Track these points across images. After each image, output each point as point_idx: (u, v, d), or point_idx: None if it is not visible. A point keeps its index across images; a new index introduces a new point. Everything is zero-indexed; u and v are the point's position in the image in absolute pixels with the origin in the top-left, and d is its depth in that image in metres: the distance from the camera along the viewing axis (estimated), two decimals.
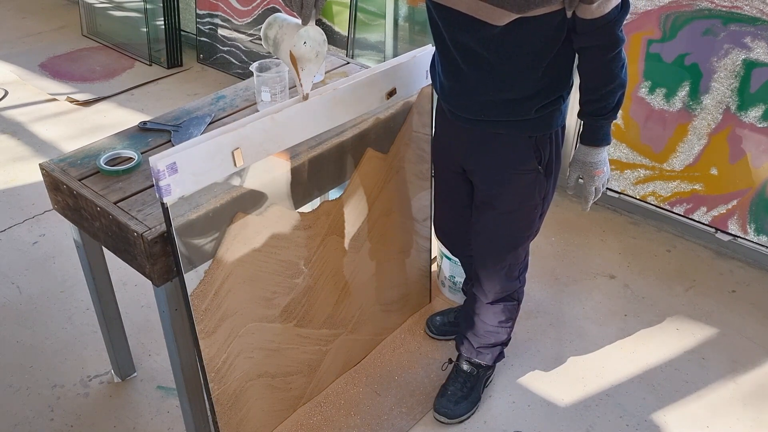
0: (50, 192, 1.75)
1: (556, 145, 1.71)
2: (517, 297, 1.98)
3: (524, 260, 1.93)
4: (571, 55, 1.60)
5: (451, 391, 2.05)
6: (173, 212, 1.43)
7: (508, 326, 2.02)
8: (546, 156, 1.70)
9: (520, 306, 2.01)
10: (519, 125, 1.65)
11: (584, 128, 1.67)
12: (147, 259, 1.49)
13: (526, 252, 1.92)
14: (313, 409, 2.04)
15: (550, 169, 1.73)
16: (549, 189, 1.78)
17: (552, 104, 1.63)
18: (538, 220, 1.83)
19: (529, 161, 1.69)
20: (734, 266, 2.64)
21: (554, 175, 1.77)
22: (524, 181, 1.73)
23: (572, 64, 1.63)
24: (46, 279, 2.55)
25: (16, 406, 2.08)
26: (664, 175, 2.70)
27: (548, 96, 1.62)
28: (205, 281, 1.56)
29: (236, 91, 2.06)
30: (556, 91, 1.62)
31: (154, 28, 4.19)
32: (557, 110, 1.65)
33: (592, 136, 1.66)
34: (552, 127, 1.67)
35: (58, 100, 3.79)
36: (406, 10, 3.17)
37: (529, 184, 1.73)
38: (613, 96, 1.59)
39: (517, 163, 1.70)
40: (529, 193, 1.75)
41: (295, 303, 1.85)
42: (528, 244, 1.90)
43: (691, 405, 2.09)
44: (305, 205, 1.79)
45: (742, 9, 2.31)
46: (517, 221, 1.81)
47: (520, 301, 2.00)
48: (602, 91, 1.57)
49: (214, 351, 1.65)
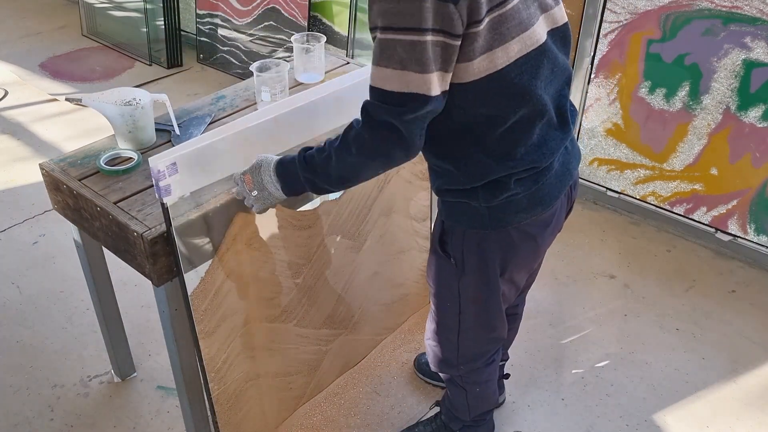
0: (50, 192, 1.75)
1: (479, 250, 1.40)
2: (461, 384, 1.74)
3: (459, 356, 1.65)
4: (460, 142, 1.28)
5: (420, 429, 1.94)
6: (173, 212, 1.43)
7: (462, 409, 1.82)
8: (457, 252, 1.43)
9: (473, 397, 1.77)
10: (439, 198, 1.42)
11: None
12: (147, 259, 1.49)
13: (457, 346, 1.63)
14: (313, 409, 2.04)
15: (464, 269, 1.45)
16: (464, 290, 1.49)
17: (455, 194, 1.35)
18: (456, 316, 1.55)
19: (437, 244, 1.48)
20: (734, 266, 2.64)
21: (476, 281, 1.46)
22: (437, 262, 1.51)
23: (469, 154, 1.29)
24: (46, 279, 2.55)
25: (16, 406, 2.08)
26: (664, 175, 2.70)
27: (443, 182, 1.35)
28: (205, 281, 1.56)
29: (236, 91, 2.06)
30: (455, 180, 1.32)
31: (154, 28, 4.19)
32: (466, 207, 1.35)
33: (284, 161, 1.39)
34: (460, 223, 1.39)
35: (58, 101, 3.79)
36: None
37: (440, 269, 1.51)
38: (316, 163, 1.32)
39: (432, 236, 1.51)
40: (440, 279, 1.53)
41: (295, 303, 1.85)
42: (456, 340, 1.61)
43: (691, 405, 2.09)
44: (305, 205, 1.79)
45: (742, 9, 2.31)
46: (437, 301, 1.59)
47: (469, 392, 1.75)
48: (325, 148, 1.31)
49: (214, 351, 1.65)
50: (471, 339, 1.62)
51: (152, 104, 1.77)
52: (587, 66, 2.72)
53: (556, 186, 1.37)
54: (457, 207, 1.38)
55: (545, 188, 1.35)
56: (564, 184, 1.40)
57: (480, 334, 1.61)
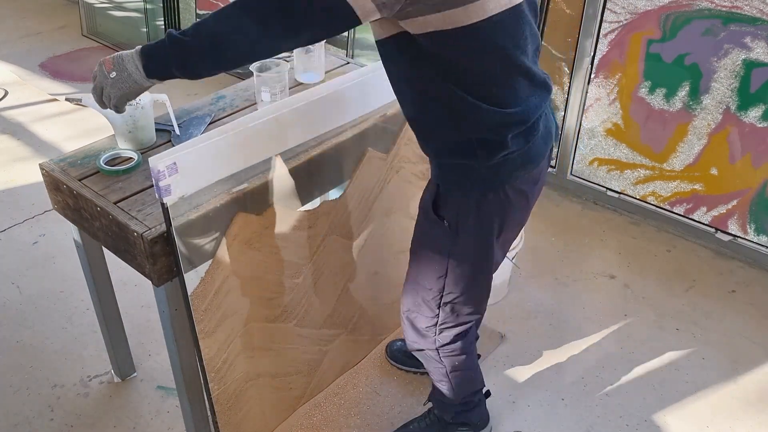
0: (50, 192, 1.75)
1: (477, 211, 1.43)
2: (439, 359, 1.73)
3: (436, 325, 1.66)
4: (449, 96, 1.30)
5: (413, 427, 1.93)
6: (173, 212, 1.43)
7: (445, 388, 1.80)
8: (452, 213, 1.46)
9: (455, 375, 1.75)
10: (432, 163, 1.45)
11: None
12: (147, 259, 1.49)
13: (436, 314, 1.64)
14: (313, 409, 2.04)
15: (460, 230, 1.47)
16: (455, 253, 1.51)
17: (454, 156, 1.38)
18: (441, 281, 1.56)
19: (429, 207, 1.49)
20: (734, 266, 2.64)
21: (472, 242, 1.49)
22: (427, 225, 1.53)
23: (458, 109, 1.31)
24: (46, 279, 2.55)
25: (16, 406, 2.08)
26: (664, 175, 2.70)
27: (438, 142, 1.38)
28: (205, 281, 1.56)
29: (236, 91, 2.06)
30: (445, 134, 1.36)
31: (154, 28, 4.18)
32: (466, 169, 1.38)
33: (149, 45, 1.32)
34: (458, 185, 1.41)
35: (58, 101, 3.79)
36: None
37: (430, 230, 1.53)
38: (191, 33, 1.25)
39: (424, 201, 1.52)
40: (428, 241, 1.54)
41: (295, 303, 1.85)
42: (436, 306, 1.62)
43: (691, 405, 2.09)
44: (305, 205, 1.79)
45: (742, 9, 2.31)
46: (419, 266, 1.60)
47: (449, 369, 1.74)
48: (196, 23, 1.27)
49: (214, 351, 1.65)
50: (451, 311, 1.63)
51: (152, 104, 1.77)
52: (587, 66, 2.72)
53: (542, 145, 1.46)
54: (455, 169, 1.40)
55: (534, 147, 1.42)
56: (548, 145, 1.49)
57: (463, 302, 1.62)
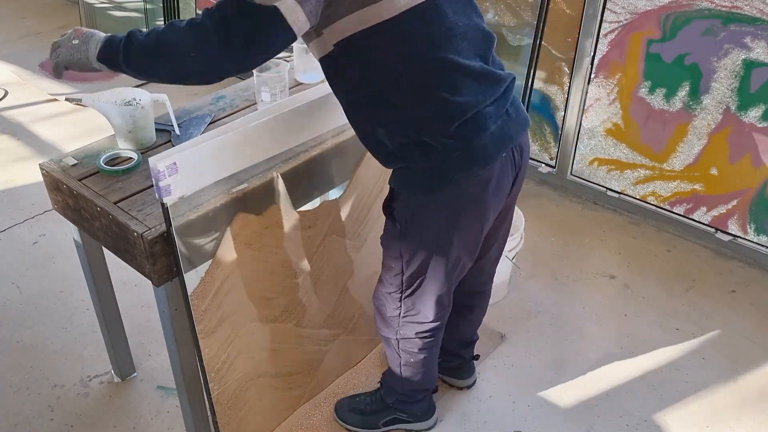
0: (50, 192, 1.75)
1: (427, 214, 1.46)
2: (395, 347, 1.79)
3: (399, 316, 1.71)
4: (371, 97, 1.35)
5: (360, 399, 1.98)
6: (173, 212, 1.43)
7: (396, 377, 1.85)
8: (401, 216, 1.50)
9: (405, 367, 1.80)
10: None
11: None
12: (147, 259, 1.49)
13: (399, 308, 1.69)
14: (313, 409, 2.04)
15: (410, 231, 1.51)
16: (404, 253, 1.55)
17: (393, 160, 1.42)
18: (399, 277, 1.61)
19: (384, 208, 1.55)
20: (734, 266, 2.64)
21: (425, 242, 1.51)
22: (386, 224, 1.58)
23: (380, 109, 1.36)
24: (46, 279, 2.55)
25: (16, 406, 2.08)
26: (664, 175, 2.70)
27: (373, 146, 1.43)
28: (205, 281, 1.56)
29: (236, 91, 2.06)
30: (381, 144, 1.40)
31: None
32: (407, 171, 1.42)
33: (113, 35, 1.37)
34: (405, 187, 1.45)
35: (58, 101, 3.79)
36: None
37: (386, 229, 1.59)
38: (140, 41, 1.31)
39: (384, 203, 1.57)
40: (388, 241, 1.59)
41: (295, 303, 1.85)
42: (399, 301, 1.67)
43: (691, 405, 2.09)
44: (305, 205, 1.79)
45: (742, 9, 2.31)
46: (384, 261, 1.65)
47: (402, 361, 1.79)
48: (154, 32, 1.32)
49: (214, 351, 1.65)
50: (412, 305, 1.67)
51: (152, 104, 1.77)
52: (587, 66, 2.72)
53: (493, 147, 1.42)
54: (400, 172, 1.45)
55: (479, 148, 1.39)
56: (503, 146, 1.44)
57: (422, 301, 1.65)
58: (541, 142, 3.01)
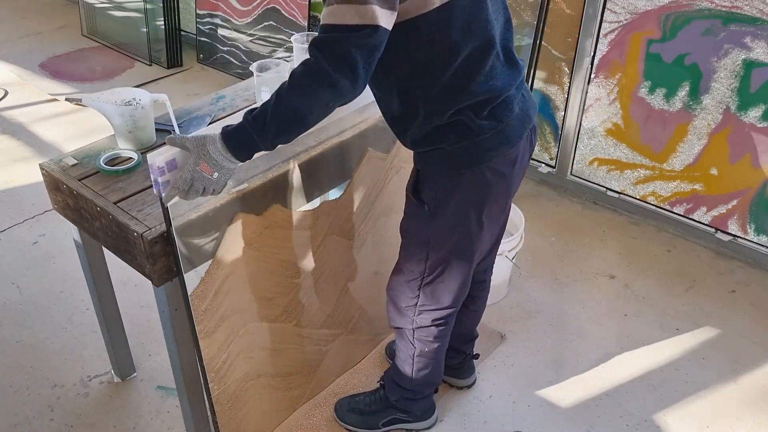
0: (50, 192, 1.75)
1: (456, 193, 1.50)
2: (409, 338, 1.79)
3: (416, 305, 1.72)
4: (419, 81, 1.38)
5: (359, 399, 1.99)
6: (173, 212, 1.43)
7: (405, 369, 1.85)
8: (430, 198, 1.52)
9: (418, 359, 1.81)
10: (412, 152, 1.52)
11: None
12: (147, 259, 1.49)
13: (417, 296, 1.70)
14: (313, 409, 2.04)
15: (440, 212, 1.53)
16: (434, 236, 1.58)
17: (427, 142, 1.45)
18: (422, 263, 1.63)
19: (410, 191, 1.56)
20: (734, 266, 2.64)
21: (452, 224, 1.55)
22: (409, 208, 1.60)
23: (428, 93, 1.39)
24: (46, 279, 2.55)
25: (16, 406, 2.08)
26: (664, 175, 2.70)
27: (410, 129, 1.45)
28: (205, 281, 1.56)
29: (236, 91, 2.06)
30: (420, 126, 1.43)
31: (154, 28, 4.18)
32: (441, 152, 1.46)
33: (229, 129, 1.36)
34: (435, 168, 1.49)
35: (58, 101, 3.79)
36: None
37: (411, 214, 1.60)
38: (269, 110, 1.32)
39: (407, 186, 1.59)
40: (410, 223, 1.61)
41: (295, 303, 1.85)
42: (418, 287, 1.68)
43: (691, 405, 2.09)
44: (305, 205, 1.79)
45: (742, 9, 2.31)
46: (405, 248, 1.67)
47: (416, 353, 1.81)
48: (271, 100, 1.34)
49: (214, 351, 1.65)
50: (431, 292, 1.69)
51: (152, 104, 1.77)
52: (587, 66, 2.72)
53: (519, 127, 1.50)
54: (431, 154, 1.47)
55: (509, 128, 1.47)
56: (525, 127, 1.52)
57: (443, 286, 1.67)
58: (541, 142, 3.01)
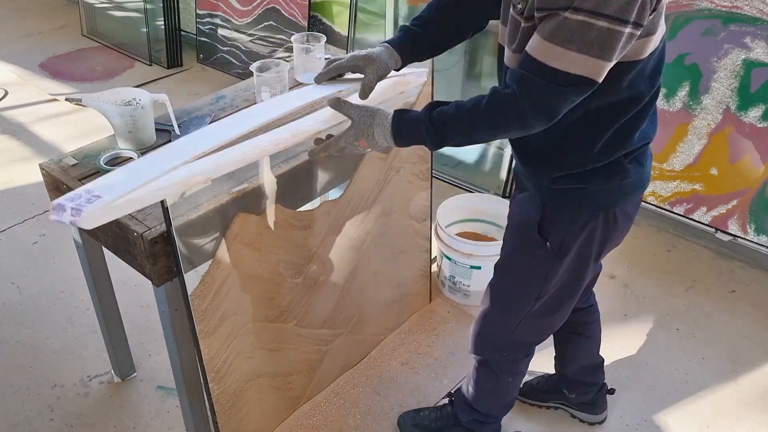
0: (50, 192, 1.75)
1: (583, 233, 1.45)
2: (496, 370, 1.76)
3: (512, 335, 1.67)
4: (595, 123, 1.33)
5: (423, 414, 1.96)
6: (173, 212, 1.43)
7: (483, 397, 1.82)
8: (558, 236, 1.47)
9: (502, 385, 1.79)
10: (534, 185, 1.48)
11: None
12: (147, 259, 1.49)
13: (515, 328, 1.65)
14: (313, 409, 2.04)
15: (563, 253, 1.48)
16: (556, 274, 1.52)
17: (571, 180, 1.40)
18: (533, 300, 1.58)
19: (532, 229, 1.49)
20: (734, 266, 2.64)
21: (571, 264, 1.51)
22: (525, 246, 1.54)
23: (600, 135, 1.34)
24: (46, 279, 2.55)
25: (16, 406, 2.08)
26: (664, 175, 2.70)
27: (562, 166, 1.39)
28: (205, 281, 1.56)
29: (236, 91, 2.06)
30: (575, 164, 1.38)
31: (154, 28, 4.18)
32: (582, 192, 1.41)
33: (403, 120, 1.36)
34: (570, 208, 1.44)
35: (58, 101, 3.79)
36: (406, 10, 3.17)
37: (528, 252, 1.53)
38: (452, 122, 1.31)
39: (521, 221, 1.53)
40: (526, 261, 1.55)
41: (295, 303, 1.85)
42: (519, 321, 1.63)
43: (691, 405, 2.09)
44: (305, 205, 1.79)
45: (742, 9, 2.31)
46: (511, 282, 1.62)
47: (501, 379, 1.77)
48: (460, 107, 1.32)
49: (214, 351, 1.65)
50: (532, 325, 1.65)
51: (152, 104, 1.77)
52: None
53: (650, 169, 1.49)
54: (570, 193, 1.42)
55: (646, 171, 1.45)
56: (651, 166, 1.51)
57: (545, 320, 1.64)
58: None
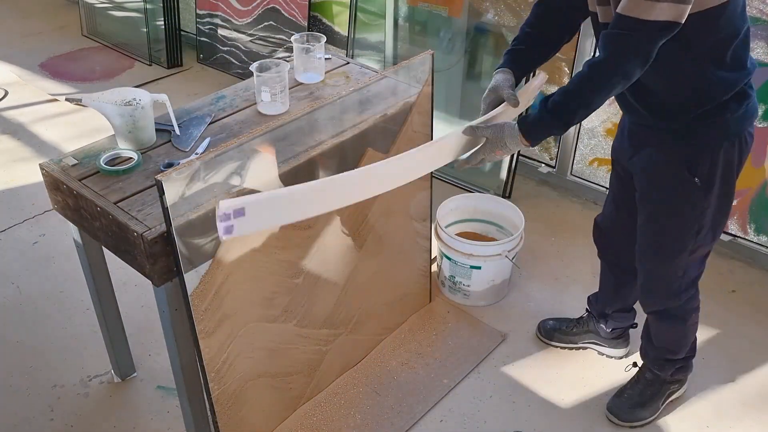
0: (50, 192, 1.75)
1: (724, 160, 1.60)
2: (680, 314, 1.88)
3: (683, 277, 1.80)
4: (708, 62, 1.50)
5: (628, 395, 2.04)
6: (173, 212, 1.43)
7: (678, 344, 1.96)
8: (705, 168, 1.60)
9: (691, 324, 1.92)
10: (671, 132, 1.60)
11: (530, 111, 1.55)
12: (147, 259, 1.49)
13: (684, 269, 1.78)
14: (313, 409, 2.04)
15: (711, 183, 1.62)
16: (709, 204, 1.65)
17: (712, 113, 1.55)
18: (694, 237, 1.70)
19: (679, 171, 1.62)
20: (734, 266, 2.64)
21: (719, 191, 1.64)
22: (674, 191, 1.66)
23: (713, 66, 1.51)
24: (46, 279, 2.55)
25: (16, 406, 2.08)
26: None
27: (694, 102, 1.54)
28: (205, 281, 1.56)
29: (236, 91, 2.06)
30: (704, 98, 1.54)
31: (154, 28, 4.18)
32: (714, 121, 1.56)
33: (528, 122, 1.52)
34: (713, 139, 1.58)
35: (58, 101, 3.79)
36: (406, 10, 3.17)
37: (679, 195, 1.66)
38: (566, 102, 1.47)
39: (665, 168, 1.65)
40: (679, 204, 1.67)
41: (295, 303, 1.85)
42: (685, 261, 1.76)
43: (691, 405, 2.09)
44: None
45: None
46: (670, 228, 1.72)
47: (689, 320, 1.90)
48: (566, 89, 1.48)
49: (214, 351, 1.65)
50: (698, 260, 1.79)
51: (152, 104, 1.77)
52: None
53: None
54: (711, 126, 1.57)
55: (754, 95, 1.62)
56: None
57: (706, 250, 1.78)
58: (541, 142, 3.00)
